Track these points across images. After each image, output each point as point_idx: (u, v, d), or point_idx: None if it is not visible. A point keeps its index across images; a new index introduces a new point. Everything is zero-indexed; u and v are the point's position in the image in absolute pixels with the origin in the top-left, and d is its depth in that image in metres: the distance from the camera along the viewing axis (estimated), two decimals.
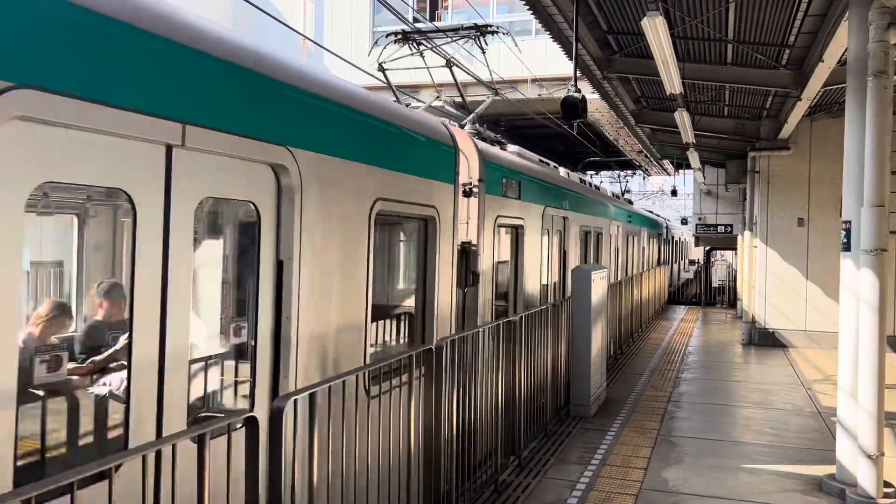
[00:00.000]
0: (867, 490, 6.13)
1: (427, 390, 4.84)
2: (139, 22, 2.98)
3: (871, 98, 6.22)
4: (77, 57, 2.68)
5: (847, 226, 6.60)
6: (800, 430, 8.65)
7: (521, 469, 6.97)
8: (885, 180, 6.20)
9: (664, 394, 10.59)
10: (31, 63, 2.47)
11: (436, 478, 4.89)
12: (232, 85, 3.57)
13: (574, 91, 9.56)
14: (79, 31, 2.69)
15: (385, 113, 5.22)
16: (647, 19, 7.56)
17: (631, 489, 6.48)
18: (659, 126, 16.89)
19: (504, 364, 6.54)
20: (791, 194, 15.84)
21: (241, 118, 3.59)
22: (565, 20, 9.99)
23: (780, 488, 6.60)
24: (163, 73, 3.11)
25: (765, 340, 15.95)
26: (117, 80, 2.85)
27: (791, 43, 10.00)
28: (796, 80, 11.06)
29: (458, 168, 6.57)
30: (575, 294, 9.14)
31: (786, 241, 15.86)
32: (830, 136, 15.16)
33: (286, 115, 3.97)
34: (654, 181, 44.79)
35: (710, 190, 24.58)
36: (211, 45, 3.44)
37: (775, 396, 10.57)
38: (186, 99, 3.23)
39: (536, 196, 9.13)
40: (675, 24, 9.55)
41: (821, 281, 15.51)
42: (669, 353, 14.61)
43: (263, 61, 3.83)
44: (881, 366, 6.21)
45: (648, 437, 8.17)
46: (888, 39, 6.17)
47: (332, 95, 4.48)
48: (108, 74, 2.81)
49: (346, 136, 4.59)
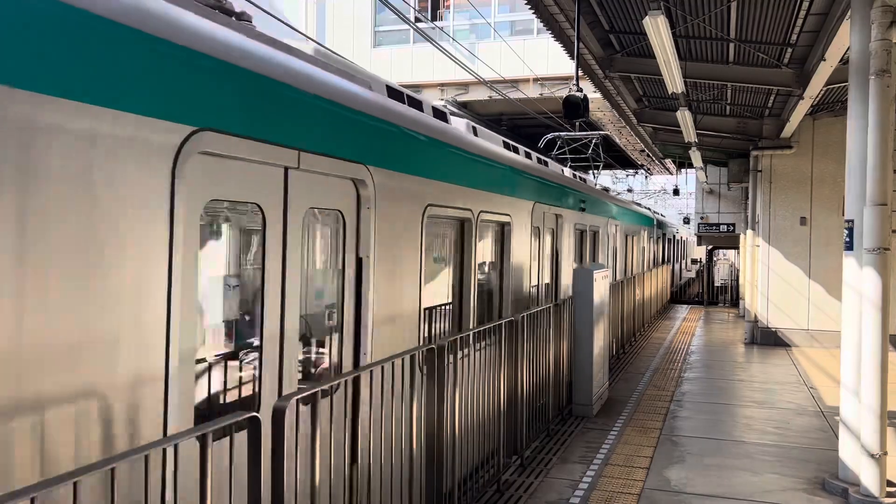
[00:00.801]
0: (870, 489, 6.12)
1: (429, 390, 4.85)
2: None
3: (874, 97, 6.21)
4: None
5: (849, 225, 6.60)
6: (802, 430, 8.65)
7: (524, 469, 6.97)
8: (887, 179, 6.20)
9: (667, 393, 10.58)
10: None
11: (438, 477, 4.90)
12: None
13: (576, 90, 9.56)
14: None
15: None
16: (649, 18, 7.56)
17: (633, 489, 6.47)
18: (661, 125, 16.88)
19: (506, 363, 6.55)
20: (793, 193, 15.83)
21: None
22: (567, 19, 9.98)
23: (782, 487, 6.59)
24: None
25: (767, 339, 15.94)
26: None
27: (793, 42, 9.99)
28: (798, 78, 11.05)
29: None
30: (576, 293, 9.14)
31: (788, 240, 15.85)
32: (833, 135, 15.16)
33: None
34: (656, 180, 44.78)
35: (713, 189, 24.57)
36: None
37: (778, 396, 10.56)
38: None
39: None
40: (677, 23, 9.54)
41: (823, 280, 15.50)
42: (672, 353, 14.61)
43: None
44: (884, 365, 6.21)
45: (651, 437, 8.17)
46: (890, 38, 6.16)
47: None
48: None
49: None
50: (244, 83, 3.63)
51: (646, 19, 7.61)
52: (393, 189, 5.21)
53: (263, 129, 3.76)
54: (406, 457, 4.68)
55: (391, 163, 5.22)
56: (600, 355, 9.57)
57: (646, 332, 17.66)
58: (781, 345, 15.78)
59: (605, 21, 10.45)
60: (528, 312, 7.16)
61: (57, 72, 2.56)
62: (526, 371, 7.13)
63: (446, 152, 6.30)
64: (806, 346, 15.63)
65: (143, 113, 2.95)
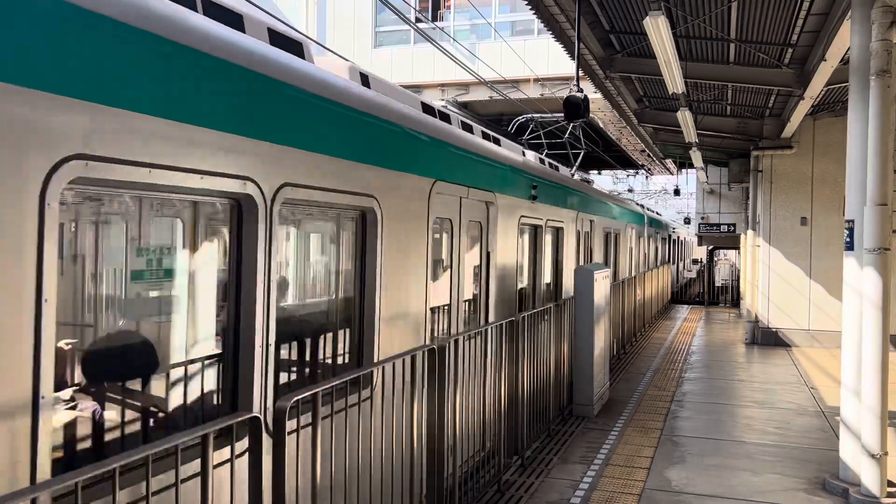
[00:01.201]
0: (870, 489, 6.12)
1: (430, 389, 4.85)
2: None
3: (874, 97, 6.21)
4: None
5: (850, 225, 6.59)
6: (803, 430, 8.64)
7: (524, 469, 6.97)
8: (888, 179, 6.20)
9: (667, 393, 10.58)
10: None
11: (439, 477, 4.90)
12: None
13: (576, 90, 9.56)
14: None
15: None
16: (650, 18, 7.56)
17: (634, 489, 6.47)
18: (661, 125, 16.87)
19: (507, 363, 6.56)
20: (794, 193, 15.83)
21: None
22: (567, 20, 9.98)
23: (783, 488, 6.59)
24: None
25: (768, 340, 15.94)
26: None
27: (793, 42, 9.99)
28: (799, 78, 11.05)
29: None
30: (577, 293, 9.14)
31: (789, 241, 15.85)
32: (833, 135, 15.15)
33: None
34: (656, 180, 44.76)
35: (713, 189, 24.55)
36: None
37: (778, 396, 10.56)
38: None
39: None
40: (678, 24, 9.54)
41: (824, 280, 15.49)
42: (672, 353, 14.61)
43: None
44: (885, 365, 6.21)
45: (651, 437, 8.17)
46: (891, 38, 6.16)
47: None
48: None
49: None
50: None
51: (646, 19, 7.61)
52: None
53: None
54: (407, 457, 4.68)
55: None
56: (601, 355, 9.57)
57: (646, 333, 17.65)
58: (782, 345, 15.77)
59: (606, 21, 10.45)
60: (528, 312, 7.17)
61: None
62: (526, 371, 7.13)
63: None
64: (806, 346, 15.63)
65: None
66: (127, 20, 2.87)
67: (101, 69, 2.75)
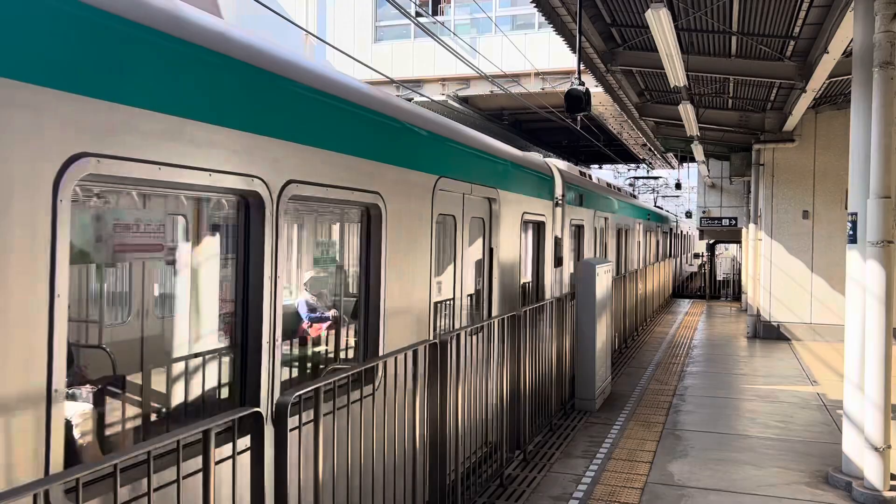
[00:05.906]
0: (873, 483, 6.11)
1: (432, 384, 4.84)
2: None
3: (877, 89, 6.18)
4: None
5: (853, 218, 6.57)
6: (806, 423, 8.63)
7: (527, 463, 6.96)
8: (891, 172, 6.17)
9: (669, 387, 10.57)
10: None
11: (441, 472, 4.90)
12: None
13: (578, 84, 9.52)
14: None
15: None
16: (651, 11, 7.52)
17: (636, 483, 6.47)
18: (663, 119, 16.82)
19: (509, 358, 6.55)
20: (796, 187, 15.79)
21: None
22: (569, 13, 9.94)
23: (786, 481, 6.58)
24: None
25: (770, 334, 15.92)
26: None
27: (796, 34, 9.94)
28: (801, 71, 11.01)
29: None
30: (579, 288, 9.12)
31: (791, 234, 15.81)
32: (835, 128, 15.10)
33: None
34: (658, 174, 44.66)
35: (715, 183, 24.49)
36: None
37: (780, 389, 10.55)
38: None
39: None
40: (679, 17, 9.50)
41: (826, 274, 15.46)
42: (674, 347, 14.60)
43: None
44: (888, 358, 6.19)
45: (654, 431, 8.16)
46: (894, 30, 6.12)
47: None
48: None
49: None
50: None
51: (648, 12, 7.57)
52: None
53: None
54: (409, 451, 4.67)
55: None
56: (603, 349, 9.55)
57: (648, 327, 17.64)
58: (784, 339, 15.76)
59: (607, 14, 10.41)
60: (530, 307, 7.16)
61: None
62: (529, 365, 7.12)
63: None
64: (808, 339, 15.61)
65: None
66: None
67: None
